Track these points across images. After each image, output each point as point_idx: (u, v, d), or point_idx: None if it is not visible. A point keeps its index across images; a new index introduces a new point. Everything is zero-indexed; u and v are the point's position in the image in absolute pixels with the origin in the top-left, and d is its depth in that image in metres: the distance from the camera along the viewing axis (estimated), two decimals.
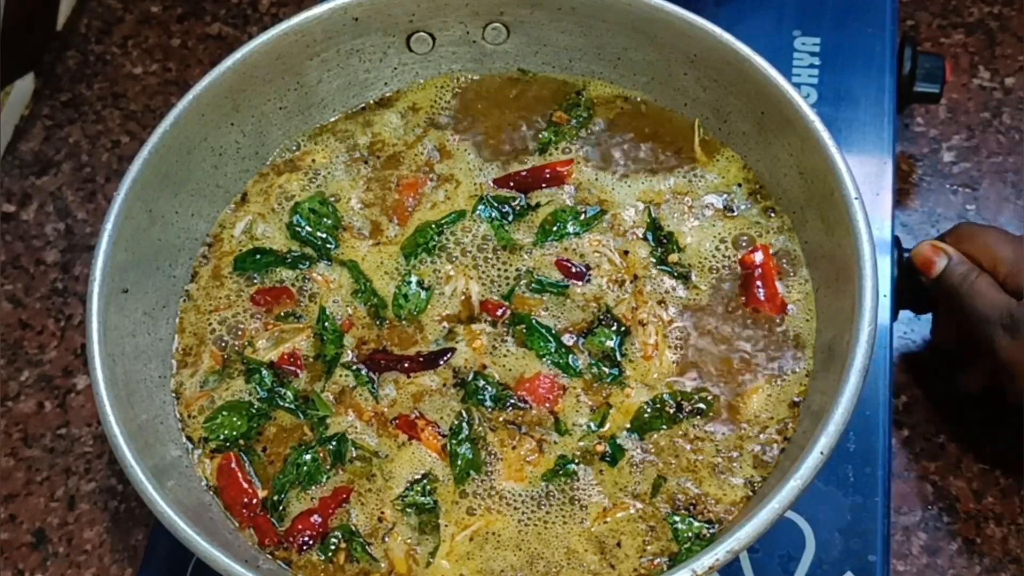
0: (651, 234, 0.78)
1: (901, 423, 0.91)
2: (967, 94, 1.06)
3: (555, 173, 0.81)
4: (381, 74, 0.85)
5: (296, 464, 0.72)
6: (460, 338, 0.75)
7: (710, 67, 0.78)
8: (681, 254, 0.77)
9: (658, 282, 0.76)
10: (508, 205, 0.80)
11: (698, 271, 0.76)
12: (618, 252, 0.78)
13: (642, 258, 0.77)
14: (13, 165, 1.09)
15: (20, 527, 0.91)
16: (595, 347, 0.74)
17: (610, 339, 0.74)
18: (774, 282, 0.75)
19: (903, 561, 0.85)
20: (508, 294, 0.76)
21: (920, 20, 1.10)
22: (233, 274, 0.79)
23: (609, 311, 0.75)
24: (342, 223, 0.81)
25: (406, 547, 0.69)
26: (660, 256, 0.77)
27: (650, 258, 0.77)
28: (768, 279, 0.75)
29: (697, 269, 0.77)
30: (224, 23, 1.17)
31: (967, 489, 0.88)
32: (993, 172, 1.02)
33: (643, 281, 0.76)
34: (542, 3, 0.81)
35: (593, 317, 0.75)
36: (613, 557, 0.68)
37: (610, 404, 0.72)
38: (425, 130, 0.84)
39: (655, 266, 0.77)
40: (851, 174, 0.70)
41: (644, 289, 0.76)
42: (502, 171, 0.82)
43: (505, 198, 0.80)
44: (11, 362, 0.99)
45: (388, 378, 0.75)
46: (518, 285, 0.77)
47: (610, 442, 0.71)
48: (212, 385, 0.75)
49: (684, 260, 0.77)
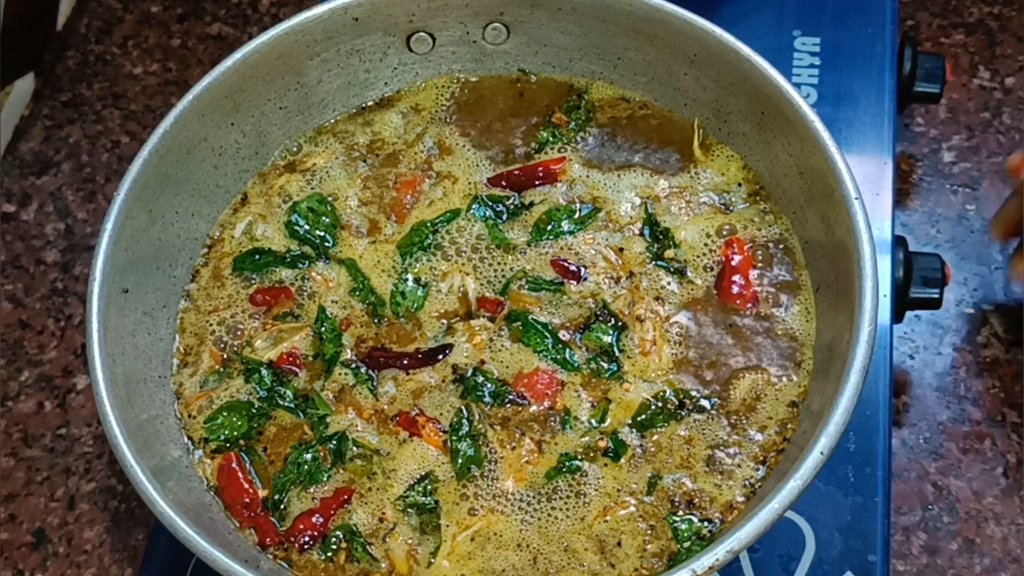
0: (648, 229, 0.78)
1: (901, 423, 0.91)
2: (967, 94, 1.06)
3: (548, 171, 0.81)
4: (381, 74, 0.85)
5: (297, 463, 0.72)
6: (460, 334, 0.75)
7: (710, 67, 0.78)
8: (677, 250, 0.77)
9: (654, 278, 0.76)
10: (502, 204, 0.80)
11: (693, 267, 0.77)
12: (613, 249, 0.78)
13: (638, 254, 0.77)
14: (13, 165, 1.09)
15: (20, 527, 0.91)
16: (592, 343, 0.74)
17: (607, 334, 0.74)
18: (748, 273, 0.75)
19: (903, 561, 0.85)
20: (503, 289, 0.76)
21: (920, 20, 1.10)
22: (233, 274, 0.79)
23: (606, 307, 0.75)
24: (340, 222, 0.81)
25: (407, 547, 0.69)
26: (656, 252, 0.77)
27: (646, 254, 0.77)
28: (744, 271, 0.75)
29: (692, 265, 0.77)
30: (224, 23, 1.17)
31: (967, 489, 0.88)
32: (993, 172, 1.02)
33: (639, 277, 0.76)
34: (542, 3, 0.81)
35: (590, 313, 0.75)
36: (613, 556, 0.68)
37: (609, 399, 0.72)
38: (425, 128, 0.84)
39: (651, 262, 0.77)
40: (851, 174, 0.70)
41: (640, 285, 0.76)
42: (501, 169, 0.82)
43: (499, 197, 0.81)
44: (11, 362, 0.99)
45: (387, 375, 0.75)
46: (514, 281, 0.77)
47: (612, 437, 0.71)
48: (212, 385, 0.75)
49: (680, 256, 0.77)
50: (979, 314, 0.95)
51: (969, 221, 0.99)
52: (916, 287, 0.86)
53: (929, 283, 0.86)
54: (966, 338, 0.94)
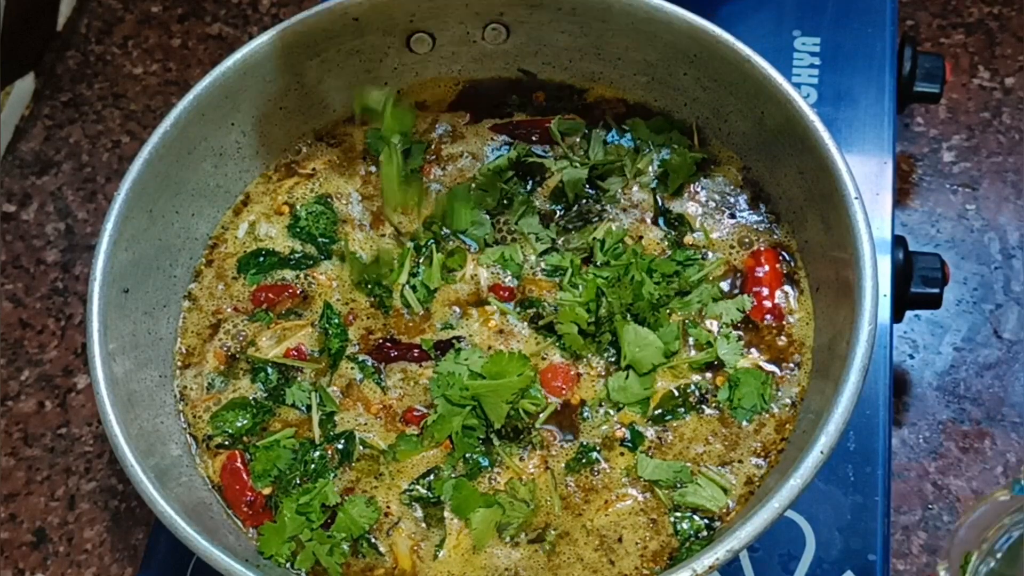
0: (661, 219, 0.78)
1: (901, 422, 0.91)
2: (967, 94, 1.06)
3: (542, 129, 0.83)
4: (381, 74, 0.85)
5: (304, 462, 0.72)
6: (474, 319, 0.75)
7: (710, 67, 0.78)
8: (695, 235, 0.77)
9: None
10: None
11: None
12: (632, 238, 0.78)
13: (658, 241, 0.78)
14: (13, 165, 1.09)
15: (20, 526, 0.91)
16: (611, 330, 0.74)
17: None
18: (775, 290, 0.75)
19: (903, 560, 0.86)
20: (517, 276, 0.77)
21: (920, 20, 1.10)
22: (236, 275, 0.79)
23: None
24: (340, 217, 0.81)
25: (411, 543, 0.69)
26: (675, 239, 0.77)
27: (664, 241, 0.78)
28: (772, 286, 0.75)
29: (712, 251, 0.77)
30: (224, 23, 1.17)
31: (967, 489, 0.88)
32: (993, 172, 1.02)
33: None
34: (542, 3, 0.81)
35: None
36: (614, 553, 0.68)
37: None
38: (436, 117, 0.84)
39: (671, 248, 0.77)
40: (851, 174, 0.70)
41: None
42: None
43: None
44: (11, 362, 0.99)
45: (396, 368, 0.75)
46: (526, 266, 0.77)
47: (630, 428, 0.71)
48: (219, 387, 0.75)
49: (700, 241, 0.77)
50: (979, 314, 0.95)
51: (969, 221, 0.99)
52: (916, 287, 0.86)
53: (929, 283, 0.86)
54: (966, 338, 0.94)
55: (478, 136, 0.83)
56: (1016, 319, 0.94)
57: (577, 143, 0.82)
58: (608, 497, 0.69)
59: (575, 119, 0.83)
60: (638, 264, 0.74)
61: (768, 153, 0.78)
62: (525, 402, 0.71)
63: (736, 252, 0.77)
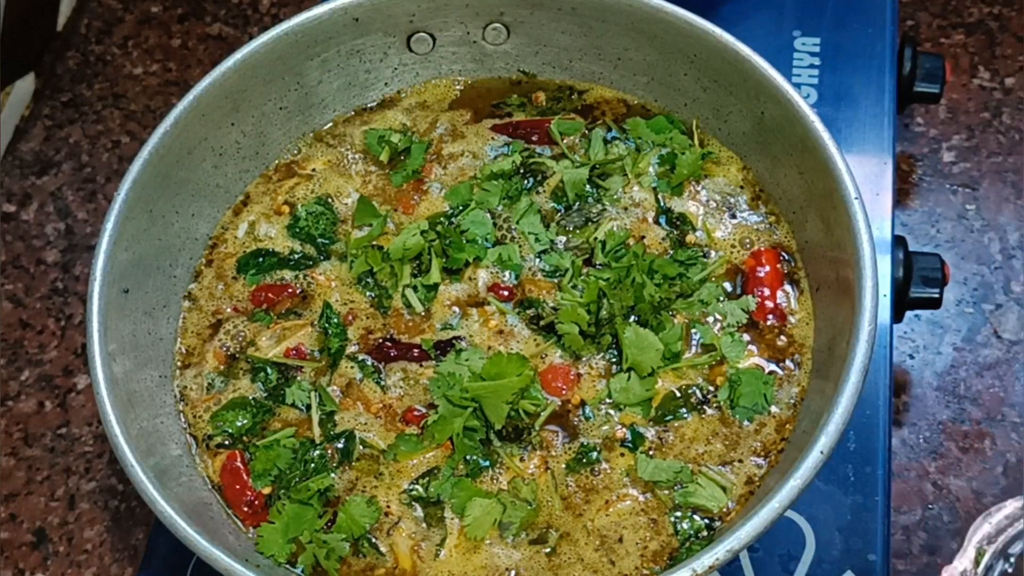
0: (663, 218, 0.78)
1: (901, 423, 0.91)
2: (967, 94, 1.06)
3: (542, 129, 0.82)
4: (381, 74, 0.85)
5: (304, 461, 0.72)
6: (474, 319, 0.75)
7: (710, 67, 0.78)
8: (697, 234, 0.77)
9: None
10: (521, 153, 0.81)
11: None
12: (634, 238, 0.78)
13: (660, 241, 0.77)
14: (13, 165, 1.10)
15: (20, 526, 0.91)
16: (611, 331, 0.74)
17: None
18: (776, 291, 0.75)
19: (903, 560, 0.86)
20: (516, 276, 0.77)
21: (920, 20, 1.10)
22: (236, 275, 0.79)
23: None
24: (340, 217, 0.81)
25: (412, 543, 0.69)
26: (677, 238, 0.77)
27: (666, 241, 0.77)
28: (773, 286, 0.75)
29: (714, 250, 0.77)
30: (224, 23, 1.17)
31: (967, 489, 0.88)
32: (993, 172, 1.02)
33: None
34: (542, 4, 0.81)
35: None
36: (614, 553, 0.68)
37: None
38: (437, 116, 0.84)
39: (673, 248, 0.77)
40: (851, 174, 0.70)
41: None
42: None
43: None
44: (11, 362, 0.99)
45: (395, 368, 0.75)
46: (526, 266, 0.77)
47: (630, 429, 0.71)
48: (219, 387, 0.75)
49: (702, 240, 0.77)
50: (979, 314, 0.95)
51: (969, 221, 0.99)
52: (916, 287, 0.86)
53: (929, 283, 0.86)
54: (966, 338, 0.94)
55: (479, 135, 0.83)
56: (1016, 319, 0.94)
57: (577, 143, 0.82)
58: (609, 497, 0.69)
59: (575, 119, 0.83)
60: (639, 266, 0.74)
61: (768, 153, 0.78)
62: (525, 402, 0.71)
63: (737, 252, 0.77)
